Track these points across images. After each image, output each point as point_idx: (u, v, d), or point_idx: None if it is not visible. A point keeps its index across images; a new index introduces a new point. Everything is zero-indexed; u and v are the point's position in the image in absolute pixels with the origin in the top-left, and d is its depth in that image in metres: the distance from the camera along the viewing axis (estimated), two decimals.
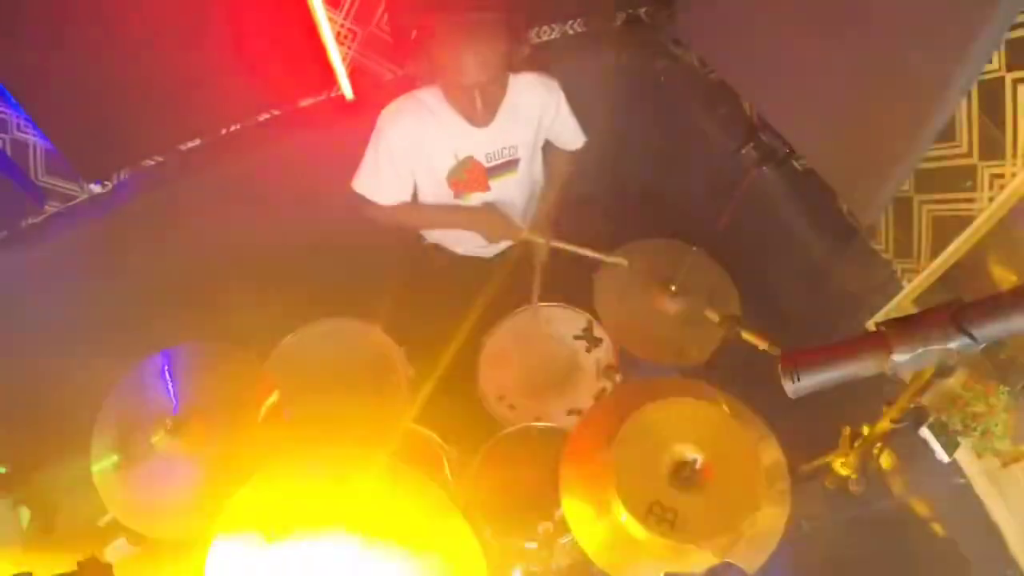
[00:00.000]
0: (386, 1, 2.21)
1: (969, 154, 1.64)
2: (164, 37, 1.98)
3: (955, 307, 1.03)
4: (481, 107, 1.82)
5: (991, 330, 1.00)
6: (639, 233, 2.21)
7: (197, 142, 2.33)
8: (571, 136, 2.20)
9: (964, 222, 1.66)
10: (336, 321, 2.15)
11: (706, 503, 1.33)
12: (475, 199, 2.16)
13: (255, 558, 1.22)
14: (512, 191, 2.18)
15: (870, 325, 1.95)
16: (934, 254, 1.78)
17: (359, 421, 1.89)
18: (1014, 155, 1.53)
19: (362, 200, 2.06)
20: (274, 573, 1.20)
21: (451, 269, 2.38)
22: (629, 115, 2.78)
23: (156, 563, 1.70)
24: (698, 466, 1.36)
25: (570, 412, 1.97)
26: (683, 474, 1.35)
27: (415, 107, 1.95)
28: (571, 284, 2.18)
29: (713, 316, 1.83)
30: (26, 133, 2.05)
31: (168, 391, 1.62)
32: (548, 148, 2.22)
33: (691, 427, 1.39)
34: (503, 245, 2.32)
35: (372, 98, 2.16)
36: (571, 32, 2.64)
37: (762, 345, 1.70)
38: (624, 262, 2.04)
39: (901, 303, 1.87)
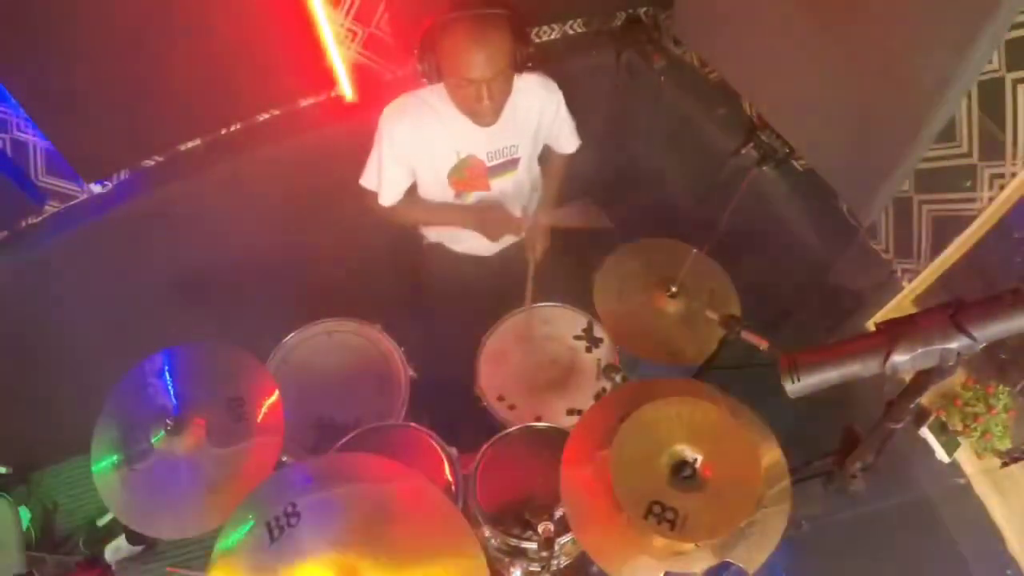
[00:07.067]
0: (386, 1, 2.22)
1: (969, 154, 1.64)
2: (164, 37, 1.98)
3: (955, 307, 1.02)
4: (488, 104, 1.82)
5: (991, 330, 1.00)
6: (639, 233, 2.21)
7: (197, 142, 2.34)
8: (568, 138, 2.20)
9: (964, 222, 1.66)
10: (336, 321, 2.15)
11: (706, 503, 1.32)
12: (475, 198, 2.15)
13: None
14: (512, 190, 2.18)
15: (870, 325, 1.95)
16: (934, 254, 1.78)
17: (358, 422, 1.89)
18: (1014, 155, 1.53)
19: (369, 196, 2.09)
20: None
21: (451, 269, 2.39)
22: (629, 115, 2.78)
23: None
24: (698, 466, 1.36)
25: (570, 412, 1.96)
26: (683, 474, 1.35)
27: (417, 105, 1.95)
28: (571, 284, 2.18)
29: (713, 316, 1.82)
30: (26, 133, 2.05)
31: (168, 391, 1.62)
32: (544, 150, 2.22)
33: (691, 427, 1.39)
34: (504, 243, 2.32)
35: (372, 98, 2.16)
36: (571, 32, 2.64)
37: (762, 345, 1.70)
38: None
39: (901, 303, 1.87)
